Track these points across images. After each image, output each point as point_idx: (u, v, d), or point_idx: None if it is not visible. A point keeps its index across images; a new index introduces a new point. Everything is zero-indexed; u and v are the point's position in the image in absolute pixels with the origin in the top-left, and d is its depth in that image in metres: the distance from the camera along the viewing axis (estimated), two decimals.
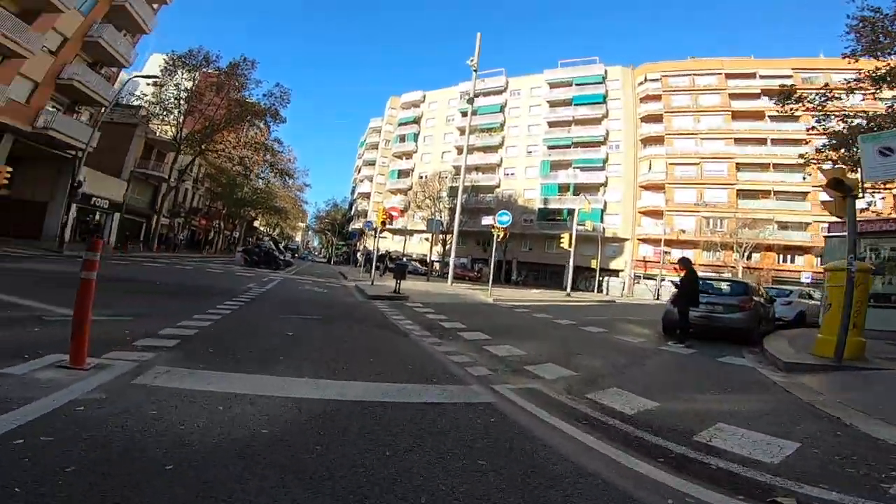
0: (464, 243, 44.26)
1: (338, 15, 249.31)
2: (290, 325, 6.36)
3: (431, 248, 42.38)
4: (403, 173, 63.95)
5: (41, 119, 20.91)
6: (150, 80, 29.89)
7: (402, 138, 65.91)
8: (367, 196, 70.90)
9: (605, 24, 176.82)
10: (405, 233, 53.55)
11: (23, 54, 18.76)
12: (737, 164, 45.48)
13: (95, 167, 27.96)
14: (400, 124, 67.11)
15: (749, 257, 40.86)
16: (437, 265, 45.20)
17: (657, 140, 48.69)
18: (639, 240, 47.05)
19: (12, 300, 5.98)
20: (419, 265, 44.50)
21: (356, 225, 64.09)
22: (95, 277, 3.32)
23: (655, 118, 49.34)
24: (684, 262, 9.07)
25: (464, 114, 58.17)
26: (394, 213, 18.63)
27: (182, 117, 30.30)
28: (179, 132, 30.45)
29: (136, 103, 33.58)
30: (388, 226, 18.88)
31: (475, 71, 26.91)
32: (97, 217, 30.44)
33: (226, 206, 49.74)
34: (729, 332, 9.08)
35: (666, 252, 41.37)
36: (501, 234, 16.83)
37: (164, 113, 30.25)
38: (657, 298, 36.50)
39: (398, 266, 14.81)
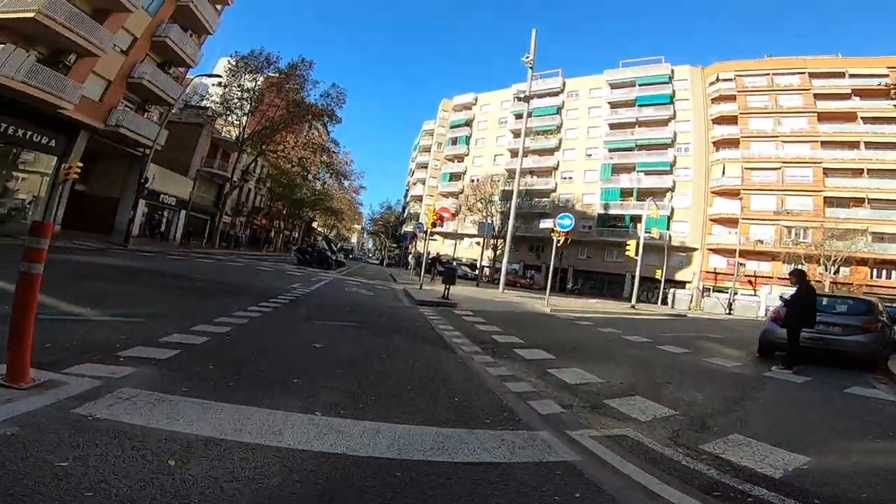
0: (516, 249, 42.76)
1: (392, 17, 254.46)
2: (322, 335, 5.52)
3: (483, 252, 41.20)
4: (455, 176, 63.28)
5: (113, 117, 21.86)
6: (216, 82, 30.93)
7: (454, 141, 65.30)
8: (419, 199, 70.88)
9: (667, 25, 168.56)
10: (455, 236, 52.75)
11: (96, 53, 19.59)
12: (824, 169, 40.98)
13: (164, 165, 29.25)
14: (452, 127, 66.57)
15: (837, 271, 36.51)
16: (486, 270, 43.97)
17: (731, 143, 44.92)
18: (709, 249, 43.46)
19: None
20: (468, 270, 43.49)
21: (408, 228, 64.11)
22: (42, 271, 2.52)
23: (729, 120, 45.59)
24: (798, 275, 7.43)
25: (517, 116, 56.78)
26: (444, 214, 17.72)
27: (245, 117, 31.13)
28: (242, 132, 31.31)
29: (205, 104, 35.09)
30: (438, 227, 17.99)
31: (531, 68, 25.62)
32: (165, 214, 31.87)
33: (286, 207, 51.17)
34: (849, 356, 7.44)
35: (741, 264, 37.87)
36: (562, 239, 15.46)
37: (229, 113, 31.20)
38: (729, 313, 33.33)
39: (447, 270, 13.86)
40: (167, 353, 3.68)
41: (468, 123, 64.45)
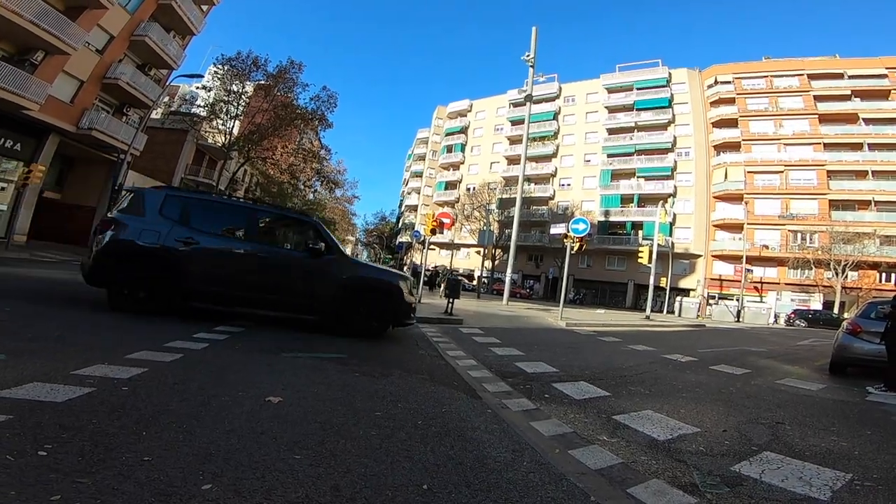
0: (515, 258, 41.43)
1: (384, 23, 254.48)
2: (287, 377, 3.87)
3: (483, 262, 39.81)
4: (450, 185, 62.01)
5: (86, 119, 20.36)
6: (199, 85, 29.53)
7: (449, 149, 64.15)
8: (414, 209, 69.49)
9: (662, 29, 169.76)
10: (452, 246, 51.32)
11: (66, 51, 18.19)
12: (828, 171, 40.11)
13: (145, 173, 27.71)
14: (447, 134, 65.47)
15: (846, 276, 35.41)
16: (484, 281, 42.50)
17: (733, 146, 44.05)
18: (713, 256, 42.31)
19: None
20: (466, 281, 42.00)
21: (403, 238, 62.64)
22: None
23: (729, 122, 44.79)
24: None
25: (513, 122, 55.88)
26: (445, 220, 16.27)
27: (231, 122, 29.69)
28: (229, 138, 29.85)
29: (194, 111, 33.66)
30: (438, 234, 16.54)
31: (532, 66, 24.53)
32: None
33: None
34: None
35: (748, 270, 36.65)
36: (577, 245, 14.06)
37: (214, 117, 29.77)
38: (738, 321, 32.03)
39: (451, 283, 12.38)
40: None
41: (463, 131, 63.40)
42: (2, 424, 2.24)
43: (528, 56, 24.11)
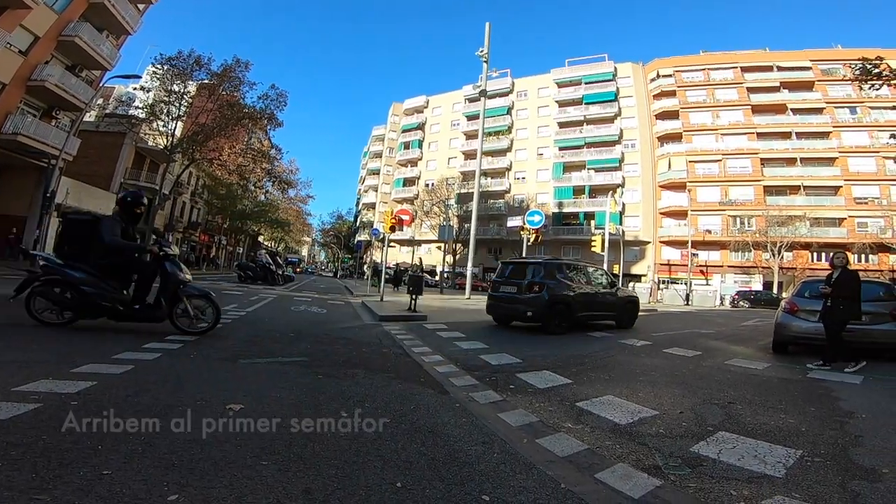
0: (474, 252, 41.83)
1: (333, 19, 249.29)
2: (248, 382, 3.77)
3: (444, 257, 39.93)
4: (409, 182, 61.75)
5: (10, 124, 18.85)
6: (137, 86, 27.92)
7: (407, 145, 63.83)
8: (372, 207, 68.74)
9: (608, 25, 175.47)
10: (413, 243, 51.23)
11: None
12: (761, 159, 42.91)
13: (82, 179, 26.01)
14: (403, 131, 65.09)
15: (782, 257, 38.09)
16: (446, 276, 42.69)
17: (675, 137, 46.23)
18: (661, 242, 44.34)
19: None
20: (428, 277, 42.01)
21: (362, 237, 61.84)
22: None
23: (671, 115, 46.97)
24: (841, 259, 6.50)
25: (469, 117, 56.22)
26: (404, 217, 16.22)
27: (173, 123, 28.24)
28: (171, 140, 28.40)
29: (132, 112, 31.70)
30: (398, 231, 16.46)
31: (486, 62, 24.65)
32: None
33: (226, 220, 47.66)
34: (881, 348, 6.72)
35: (694, 254, 38.66)
36: (533, 237, 14.38)
37: (154, 119, 28.22)
38: (688, 304, 33.77)
39: (413, 279, 12.36)
40: None
41: (420, 127, 63.20)
42: None
43: (481, 51, 24.24)
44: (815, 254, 38.94)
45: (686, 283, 37.45)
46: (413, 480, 2.23)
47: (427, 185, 56.12)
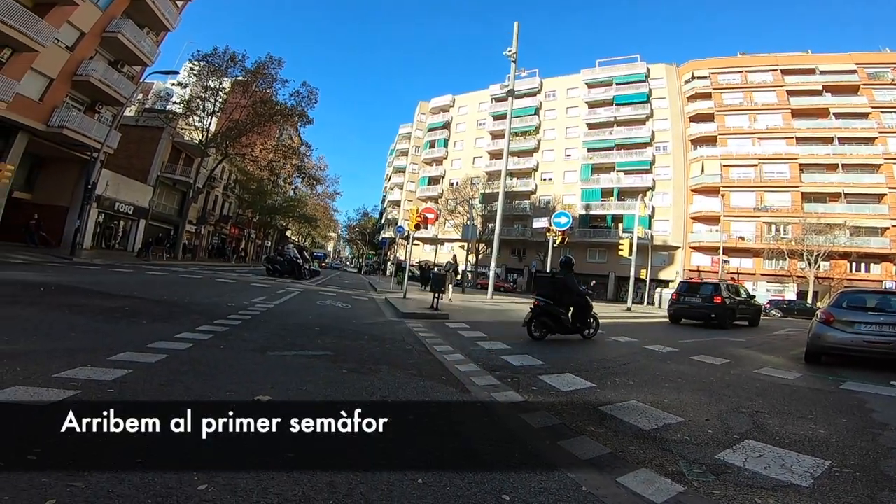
0: (498, 252, 41.70)
1: (365, 18, 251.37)
2: (276, 374, 3.85)
3: (468, 257, 39.95)
4: (434, 180, 61.92)
5: (56, 117, 19.74)
6: (174, 81, 28.89)
7: (432, 144, 63.99)
8: (397, 204, 69.24)
9: (641, 26, 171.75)
10: (436, 241, 51.36)
11: (34, 48, 17.59)
12: (800, 164, 41.27)
13: (121, 171, 27.06)
14: (429, 130, 65.28)
15: (818, 266, 36.58)
16: (469, 275, 42.71)
17: (709, 140, 44.93)
18: (691, 248, 43.21)
19: None
20: (449, 275, 42.01)
21: (386, 234, 62.38)
22: None
23: (706, 117, 45.64)
24: None
25: (496, 117, 55.99)
26: (429, 216, 16.30)
27: (208, 118, 29.11)
28: (206, 135, 29.28)
29: (169, 108, 32.86)
30: (422, 229, 16.55)
31: (514, 62, 24.49)
32: (122, 223, 29.47)
33: (256, 214, 48.80)
34: None
35: (725, 261, 37.54)
36: (559, 239, 14.24)
37: (190, 114, 29.16)
38: None
39: (436, 277, 12.42)
40: None
41: (446, 126, 63.27)
42: None
43: (510, 51, 24.12)
44: (853, 264, 37.29)
45: None
46: (434, 477, 2.25)
47: (452, 184, 56.13)
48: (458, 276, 24.00)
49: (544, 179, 52.47)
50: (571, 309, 8.07)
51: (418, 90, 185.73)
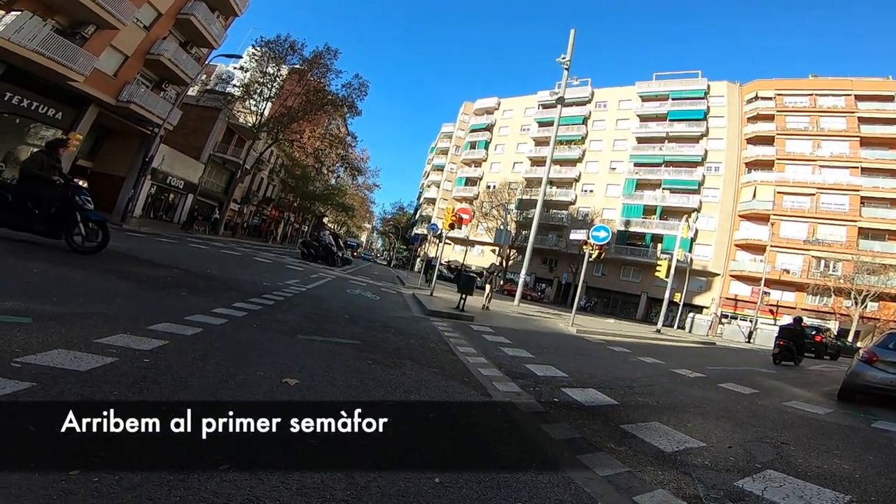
0: (530, 260, 41.37)
1: (419, 16, 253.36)
2: (305, 358, 4.00)
3: (501, 261, 39.81)
4: (471, 181, 61.91)
5: (126, 92, 20.92)
6: (236, 65, 30.07)
7: (473, 145, 63.95)
8: (432, 202, 69.63)
9: (705, 40, 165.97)
10: (467, 243, 51.37)
11: (116, 26, 18.72)
12: (861, 197, 38.93)
13: (177, 148, 28.37)
14: (472, 131, 65.25)
15: (865, 306, 34.47)
16: (500, 281, 42.54)
17: (765, 164, 43.02)
18: (731, 275, 41.54)
19: None
20: (478, 278, 41.95)
21: (419, 230, 62.84)
22: None
23: (765, 140, 43.68)
24: None
25: (541, 123, 55.47)
26: (464, 216, 16.37)
27: (264, 103, 30.18)
28: (259, 119, 30.36)
29: (229, 90, 34.29)
30: (455, 228, 16.65)
31: (567, 69, 24.32)
32: (171, 196, 30.91)
33: (297, 199, 50.18)
34: None
35: (766, 293, 35.93)
36: (596, 253, 14.05)
37: (247, 97, 30.33)
38: (749, 341, 31.49)
39: (465, 279, 12.49)
40: None
41: (489, 128, 63.13)
42: (25, 392, 2.33)
43: (563, 58, 23.90)
44: None
45: (751, 321, 34.92)
46: (451, 478, 2.32)
47: (488, 187, 55.94)
48: (501, 282, 23.95)
49: (585, 191, 51.61)
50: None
51: (464, 90, 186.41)
